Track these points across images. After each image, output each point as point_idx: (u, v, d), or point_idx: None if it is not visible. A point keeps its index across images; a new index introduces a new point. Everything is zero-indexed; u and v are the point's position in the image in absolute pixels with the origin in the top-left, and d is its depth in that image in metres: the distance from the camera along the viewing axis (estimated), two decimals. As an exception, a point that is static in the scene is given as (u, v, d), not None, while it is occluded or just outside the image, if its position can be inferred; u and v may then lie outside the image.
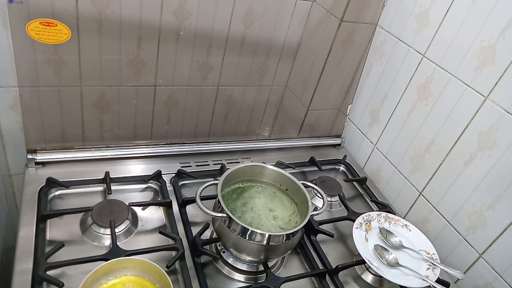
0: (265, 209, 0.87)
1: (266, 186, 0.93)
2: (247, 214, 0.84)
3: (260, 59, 1.21)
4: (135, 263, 0.73)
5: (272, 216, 0.86)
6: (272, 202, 0.89)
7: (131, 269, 0.74)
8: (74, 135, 1.10)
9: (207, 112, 1.25)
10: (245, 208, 0.86)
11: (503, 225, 0.86)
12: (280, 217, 0.86)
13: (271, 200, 0.90)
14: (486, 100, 0.87)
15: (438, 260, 0.90)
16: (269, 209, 0.87)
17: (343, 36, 1.15)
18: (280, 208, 0.88)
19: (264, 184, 0.93)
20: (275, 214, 0.86)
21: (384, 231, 0.96)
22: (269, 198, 0.90)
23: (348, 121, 1.33)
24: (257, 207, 0.87)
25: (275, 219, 0.85)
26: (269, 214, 0.86)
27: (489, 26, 0.86)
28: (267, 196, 0.91)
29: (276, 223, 0.84)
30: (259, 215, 0.85)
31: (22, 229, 0.81)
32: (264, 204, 0.88)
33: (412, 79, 1.05)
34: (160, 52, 1.05)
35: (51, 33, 0.85)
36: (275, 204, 0.89)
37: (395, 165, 1.14)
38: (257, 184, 0.92)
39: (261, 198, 0.89)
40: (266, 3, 1.10)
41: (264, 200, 0.89)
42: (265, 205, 0.88)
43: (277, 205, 0.89)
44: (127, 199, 0.93)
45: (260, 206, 0.87)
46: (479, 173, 0.90)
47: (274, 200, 0.90)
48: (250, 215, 0.84)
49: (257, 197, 0.89)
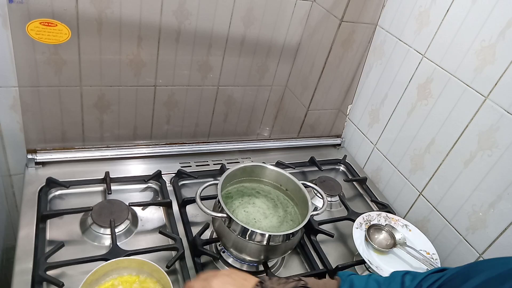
0: (265, 209, 0.87)
1: (266, 186, 0.93)
2: (247, 214, 0.84)
3: (260, 59, 1.21)
4: (135, 263, 0.73)
5: (272, 216, 0.86)
6: (272, 202, 0.89)
7: (131, 269, 0.74)
8: (74, 135, 1.10)
9: (207, 112, 1.26)
10: (245, 208, 0.86)
11: (503, 225, 0.86)
12: (280, 217, 0.86)
13: (271, 200, 0.90)
14: (486, 100, 0.87)
15: (438, 260, 0.91)
16: (269, 209, 0.87)
17: (343, 36, 1.15)
18: (280, 208, 0.88)
19: (264, 184, 0.93)
20: (274, 214, 0.86)
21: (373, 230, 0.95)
22: (269, 198, 0.90)
23: (348, 121, 1.33)
24: (257, 207, 0.87)
25: (275, 219, 0.85)
26: (269, 214, 0.86)
27: (489, 26, 0.86)
28: (267, 196, 0.91)
29: (276, 223, 0.84)
30: (259, 215, 0.85)
31: (22, 229, 0.81)
32: (264, 204, 0.88)
33: (412, 79, 1.05)
34: (160, 52, 1.05)
35: (51, 33, 0.85)
36: (275, 204, 0.89)
37: (395, 165, 1.14)
38: (257, 184, 0.92)
39: (261, 198, 0.89)
40: (266, 3, 1.10)
41: (264, 200, 0.89)
42: (265, 205, 0.88)
43: (277, 205, 0.89)
44: (127, 199, 0.93)
45: (260, 206, 0.87)
46: (479, 173, 0.90)
47: (274, 200, 0.90)
48: (250, 215, 0.84)
49: (257, 197, 0.89)
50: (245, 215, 0.84)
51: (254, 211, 0.85)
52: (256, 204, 0.88)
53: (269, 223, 0.84)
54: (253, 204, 0.87)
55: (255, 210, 0.86)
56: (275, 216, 0.86)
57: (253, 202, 0.88)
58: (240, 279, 0.56)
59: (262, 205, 0.88)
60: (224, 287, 0.55)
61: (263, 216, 0.85)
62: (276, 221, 0.85)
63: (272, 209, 0.87)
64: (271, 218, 0.85)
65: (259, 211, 0.86)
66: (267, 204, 0.88)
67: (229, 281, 0.55)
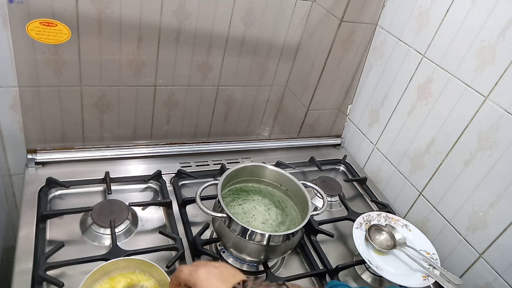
0: (265, 209, 0.87)
1: (266, 186, 0.93)
2: (247, 214, 0.84)
3: (260, 59, 1.21)
4: (135, 263, 0.73)
5: (271, 216, 0.86)
6: (272, 202, 0.89)
7: (131, 269, 0.74)
8: (74, 135, 1.10)
9: (207, 112, 1.25)
10: (245, 208, 0.86)
11: (503, 225, 0.86)
12: (280, 217, 0.86)
13: (271, 200, 0.90)
14: (486, 100, 0.87)
15: (438, 260, 0.90)
16: (268, 209, 0.87)
17: (343, 36, 1.15)
18: (280, 208, 0.88)
19: (264, 184, 0.93)
20: (274, 214, 0.86)
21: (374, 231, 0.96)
22: (269, 198, 0.90)
23: (348, 121, 1.33)
24: (257, 207, 0.87)
25: (275, 219, 0.85)
26: (269, 214, 0.86)
27: (489, 26, 0.86)
28: (267, 196, 0.91)
29: (276, 223, 0.84)
30: (259, 215, 0.85)
31: (22, 229, 0.81)
32: (264, 204, 0.88)
33: (412, 79, 1.05)
34: (160, 52, 1.05)
35: (51, 33, 0.85)
36: (275, 205, 0.89)
37: (395, 165, 1.14)
38: (257, 184, 0.92)
39: (261, 198, 0.89)
40: (266, 3, 1.10)
41: (264, 200, 0.89)
42: (265, 205, 0.88)
43: (277, 206, 0.89)
44: (127, 199, 0.93)
45: (260, 206, 0.87)
46: (479, 173, 0.90)
47: (274, 200, 0.90)
48: (250, 215, 0.84)
49: (257, 197, 0.89)
50: (245, 215, 0.84)
51: (254, 211, 0.85)
52: (256, 204, 0.88)
53: (269, 223, 0.84)
54: (253, 204, 0.87)
55: (255, 210, 0.86)
56: (275, 216, 0.86)
57: (253, 202, 0.88)
58: (228, 273, 0.56)
59: (262, 205, 0.88)
60: (209, 277, 0.55)
61: (263, 216, 0.85)
62: (276, 221, 0.85)
63: (272, 209, 0.87)
64: (271, 218, 0.85)
65: (259, 211, 0.86)
66: (267, 204, 0.88)
67: (215, 273, 0.55)
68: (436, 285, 0.92)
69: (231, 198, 0.87)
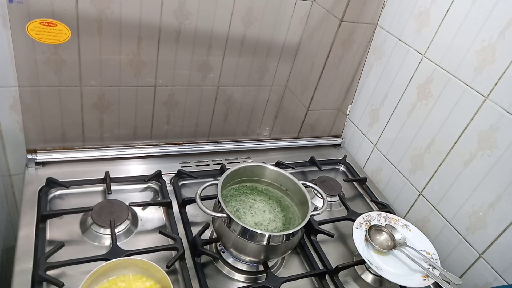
0: (265, 209, 0.87)
1: (266, 186, 0.93)
2: (247, 214, 0.84)
3: (260, 59, 1.21)
4: (135, 263, 0.73)
5: (271, 216, 0.86)
6: (272, 202, 0.89)
7: (131, 269, 0.74)
8: (74, 135, 1.10)
9: (207, 112, 1.26)
10: (245, 208, 0.86)
11: (503, 225, 0.86)
12: (280, 217, 0.86)
13: (271, 200, 0.90)
14: (486, 100, 0.87)
15: (438, 260, 0.91)
16: (268, 209, 0.87)
17: (343, 36, 1.15)
18: (280, 208, 0.88)
19: (264, 184, 0.93)
20: (274, 214, 0.86)
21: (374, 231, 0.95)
22: (269, 198, 0.90)
23: (348, 121, 1.33)
24: (257, 207, 0.87)
25: (275, 219, 0.85)
26: (269, 214, 0.86)
27: (489, 26, 0.86)
28: (267, 196, 0.91)
29: (276, 223, 0.84)
30: (259, 215, 0.85)
31: (22, 229, 0.81)
32: (264, 204, 0.88)
33: (412, 79, 1.05)
34: (160, 52, 1.05)
35: (51, 33, 0.85)
36: (275, 204, 0.89)
37: (395, 165, 1.14)
38: (257, 184, 0.92)
39: (261, 198, 0.89)
40: (266, 3, 1.10)
41: (264, 200, 0.89)
42: (265, 205, 0.88)
43: (277, 205, 0.89)
44: (127, 199, 0.93)
45: (260, 206, 0.87)
46: (479, 173, 0.90)
47: (274, 200, 0.90)
48: (250, 215, 0.84)
49: (257, 197, 0.89)
50: (245, 215, 0.84)
51: (254, 211, 0.85)
52: (256, 204, 0.88)
53: (269, 223, 0.84)
54: (253, 204, 0.87)
55: (255, 210, 0.86)
56: (275, 216, 0.86)
57: (253, 202, 0.88)
58: None
59: (262, 205, 0.88)
60: None
61: (263, 216, 0.85)
62: (276, 221, 0.85)
63: (272, 209, 0.87)
64: (271, 218, 0.85)
65: (259, 211, 0.86)
66: (267, 204, 0.88)
67: None
68: (436, 285, 0.92)
69: (231, 198, 0.87)
